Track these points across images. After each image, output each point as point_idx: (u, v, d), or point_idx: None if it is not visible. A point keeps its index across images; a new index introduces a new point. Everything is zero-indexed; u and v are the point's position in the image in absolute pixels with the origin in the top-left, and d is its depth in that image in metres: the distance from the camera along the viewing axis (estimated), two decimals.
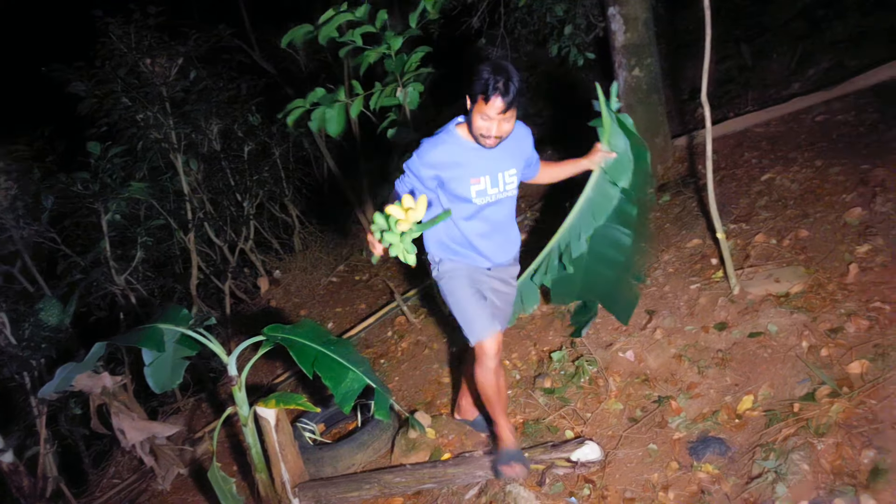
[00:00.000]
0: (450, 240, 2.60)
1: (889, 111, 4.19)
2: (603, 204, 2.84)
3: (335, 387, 2.43)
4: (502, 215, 2.59)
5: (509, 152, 2.48)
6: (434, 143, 2.43)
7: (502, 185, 2.50)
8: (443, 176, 2.42)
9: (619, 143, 2.73)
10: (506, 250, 2.69)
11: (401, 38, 4.10)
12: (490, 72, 2.18)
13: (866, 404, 2.40)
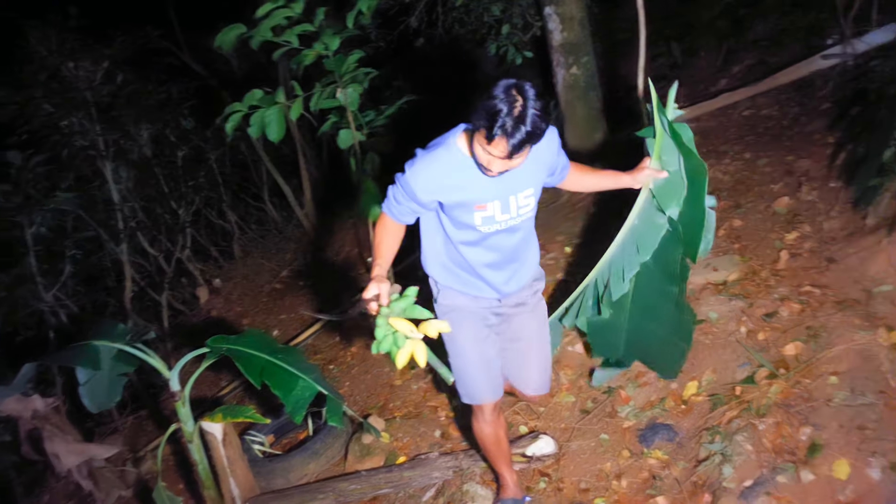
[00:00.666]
0: (452, 263, 2.18)
1: (809, 105, 4.41)
2: (649, 235, 2.32)
3: (285, 396, 2.37)
4: (514, 241, 2.12)
5: (527, 169, 1.94)
6: (430, 160, 1.95)
7: (515, 209, 2.01)
8: (444, 201, 1.98)
9: (673, 161, 2.21)
10: (519, 278, 2.23)
11: (338, 37, 4.04)
12: (503, 101, 1.66)
13: (802, 384, 2.51)
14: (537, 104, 1.67)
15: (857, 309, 2.72)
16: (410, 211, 2.05)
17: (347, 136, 4.32)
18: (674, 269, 2.30)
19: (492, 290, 2.19)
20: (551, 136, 2.03)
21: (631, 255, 2.37)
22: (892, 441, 2.13)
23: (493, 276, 2.15)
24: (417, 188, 1.95)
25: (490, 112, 1.67)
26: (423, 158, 1.96)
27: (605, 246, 2.53)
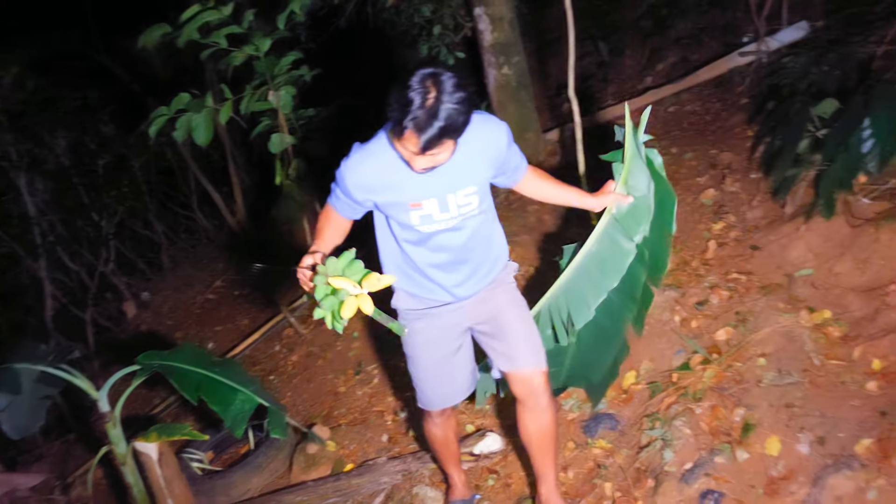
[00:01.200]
0: (406, 265, 2.04)
1: (729, 100, 4.62)
2: (615, 261, 2.19)
3: (224, 410, 2.30)
4: (461, 241, 1.95)
5: (467, 165, 1.82)
6: (363, 156, 1.83)
7: (455, 208, 1.86)
8: (377, 200, 1.87)
9: (640, 186, 2.12)
10: (475, 281, 2.05)
11: (269, 39, 3.95)
12: (416, 91, 1.53)
13: (733, 367, 2.61)
14: (454, 96, 1.54)
15: (780, 293, 2.85)
16: (350, 208, 1.95)
17: (279, 140, 4.22)
18: (635, 293, 2.25)
19: (444, 292, 2.04)
20: (497, 130, 1.87)
21: (596, 281, 2.22)
22: (818, 416, 2.25)
23: (443, 279, 2.01)
24: (350, 185, 1.85)
25: (401, 104, 1.54)
26: (357, 154, 1.85)
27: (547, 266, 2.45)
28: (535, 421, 2.11)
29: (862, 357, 2.41)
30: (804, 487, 2.06)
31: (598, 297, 2.23)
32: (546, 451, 2.16)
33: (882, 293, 2.55)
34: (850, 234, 2.83)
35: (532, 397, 2.08)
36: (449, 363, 2.15)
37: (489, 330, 2.13)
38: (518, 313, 2.13)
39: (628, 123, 2.11)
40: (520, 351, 2.09)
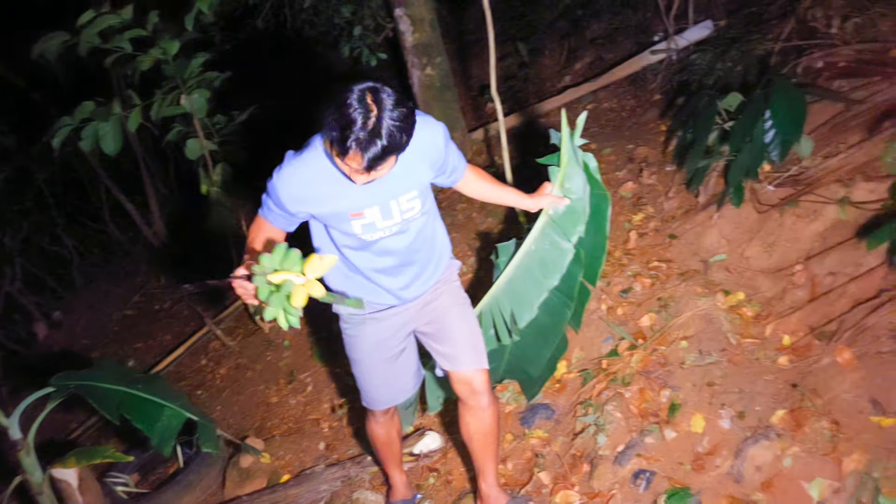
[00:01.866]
0: (347, 270, 1.98)
1: (643, 97, 4.82)
2: (555, 260, 2.24)
3: (150, 428, 2.19)
4: (406, 242, 1.92)
5: (406, 170, 1.76)
6: (295, 166, 1.73)
7: (398, 214, 1.82)
8: (314, 211, 1.79)
9: (576, 188, 2.18)
10: (422, 282, 2.03)
11: (177, 41, 3.80)
12: (356, 111, 1.47)
13: (658, 351, 2.72)
14: (395, 113, 1.49)
15: (697, 278, 2.99)
16: (284, 220, 1.85)
17: (196, 146, 4.08)
18: (573, 291, 2.29)
19: (390, 296, 2.01)
20: (434, 131, 1.84)
21: (538, 280, 2.27)
22: (737, 392, 2.37)
23: (388, 283, 1.97)
24: (284, 197, 1.75)
25: (342, 124, 1.47)
26: (290, 164, 1.75)
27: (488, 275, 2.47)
28: (477, 419, 2.10)
29: (773, 334, 2.57)
30: (727, 460, 2.17)
31: (540, 296, 2.28)
32: (487, 448, 2.17)
33: (788, 273, 2.72)
34: (757, 220, 3.01)
35: (473, 396, 2.07)
36: (393, 365, 2.14)
37: (432, 331, 2.11)
38: (460, 313, 2.12)
39: (565, 128, 2.15)
40: (461, 351, 2.07)
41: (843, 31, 2.93)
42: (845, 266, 2.50)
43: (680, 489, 2.10)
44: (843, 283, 2.45)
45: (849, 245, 2.52)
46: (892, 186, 2.23)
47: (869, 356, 2.18)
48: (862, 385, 2.13)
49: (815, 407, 2.15)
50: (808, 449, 2.05)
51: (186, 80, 3.89)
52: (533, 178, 4.36)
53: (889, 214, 2.22)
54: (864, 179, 2.50)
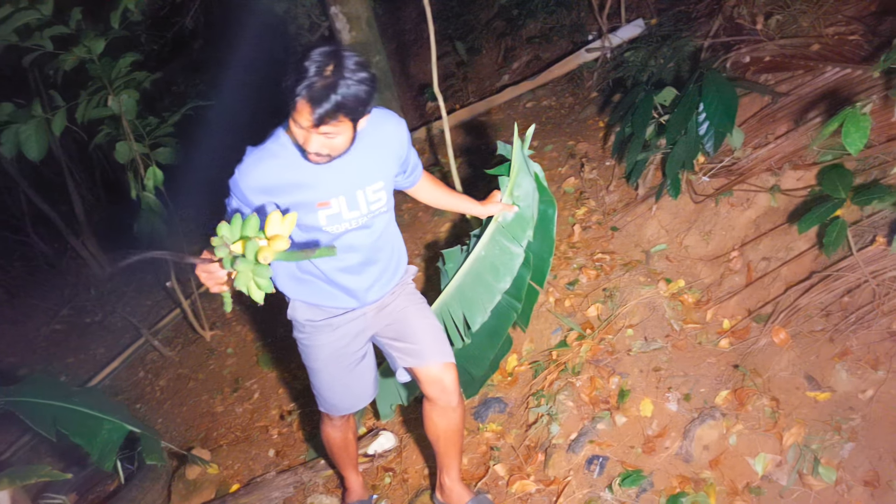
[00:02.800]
0: (302, 272, 1.93)
1: (581, 94, 4.92)
2: (506, 264, 2.30)
3: (89, 443, 2.09)
4: (371, 240, 1.89)
5: (372, 159, 1.77)
6: (258, 157, 1.70)
7: (364, 205, 1.80)
8: (280, 202, 1.73)
9: (525, 196, 2.26)
10: (383, 283, 2.00)
11: (102, 39, 3.63)
12: (313, 62, 1.46)
13: (605, 340, 2.79)
14: (356, 74, 1.48)
15: (640, 268, 3.08)
16: (245, 212, 1.77)
17: (125, 149, 3.91)
18: (521, 294, 2.34)
19: (350, 298, 1.96)
20: (399, 124, 1.84)
21: (490, 284, 2.32)
22: (682, 376, 2.45)
23: (351, 282, 1.92)
24: (248, 190, 1.69)
25: (297, 73, 1.46)
26: (252, 156, 1.70)
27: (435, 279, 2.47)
28: (446, 419, 2.06)
29: (713, 319, 2.67)
30: (676, 441, 2.23)
31: (493, 300, 2.33)
32: (453, 446, 2.15)
33: (725, 260, 2.84)
34: (694, 210, 3.12)
35: (444, 396, 2.02)
36: (353, 372, 2.08)
37: (393, 332, 2.07)
38: (420, 310, 2.09)
39: (516, 139, 2.23)
40: (427, 346, 2.03)
41: (767, 27, 3.08)
42: (778, 251, 2.62)
43: (632, 472, 2.15)
44: (777, 267, 2.56)
45: (780, 231, 2.64)
46: (819, 173, 2.36)
47: (803, 335, 2.30)
48: (798, 363, 2.24)
49: (755, 386, 2.24)
50: (751, 426, 2.14)
51: (114, 81, 3.72)
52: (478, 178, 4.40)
53: (817, 200, 2.34)
54: (793, 168, 2.63)
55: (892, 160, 2.29)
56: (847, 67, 2.55)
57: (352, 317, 2.00)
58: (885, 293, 2.10)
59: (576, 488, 2.22)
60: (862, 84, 2.47)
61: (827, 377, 2.15)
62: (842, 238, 2.09)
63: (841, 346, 2.16)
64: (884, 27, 2.56)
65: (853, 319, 2.16)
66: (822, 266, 2.38)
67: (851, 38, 2.71)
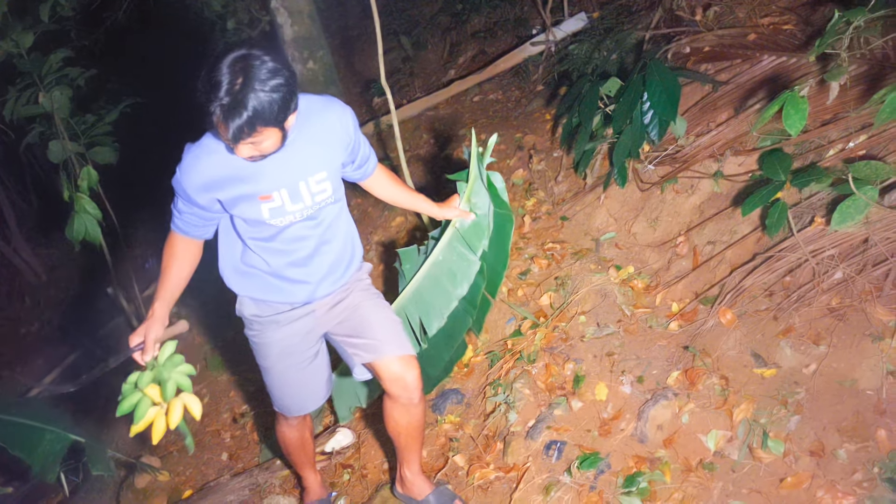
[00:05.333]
0: (249, 266, 1.88)
1: (527, 88, 4.97)
2: (463, 271, 2.30)
3: (30, 454, 1.97)
4: (318, 233, 1.85)
5: (314, 149, 1.73)
6: (196, 154, 1.66)
7: (308, 197, 1.76)
8: (222, 197, 1.69)
9: (482, 205, 2.26)
10: (336, 276, 1.95)
11: (31, 33, 3.46)
12: (223, 75, 1.42)
13: (559, 327, 2.82)
14: (267, 83, 1.44)
15: (590, 256, 3.13)
16: (199, 220, 1.75)
17: (59, 148, 3.73)
18: (476, 300, 2.33)
19: (300, 292, 1.91)
20: (343, 111, 1.79)
21: (447, 290, 2.32)
22: (635, 359, 2.50)
23: (300, 275, 1.88)
24: (191, 188, 1.66)
25: (207, 89, 1.43)
26: (191, 153, 1.67)
27: None
28: (408, 416, 2.03)
29: (663, 302, 2.73)
30: (631, 423, 2.28)
31: (450, 305, 2.32)
32: (414, 441, 2.13)
33: (672, 245, 2.91)
34: (641, 198, 3.19)
35: (406, 392, 1.97)
36: (304, 371, 2.04)
37: (348, 329, 2.01)
38: (376, 304, 2.05)
39: (474, 147, 2.21)
40: (385, 340, 1.97)
41: (705, 18, 3.17)
42: (722, 235, 2.70)
43: (590, 454, 2.19)
44: (722, 250, 2.65)
45: (724, 215, 2.73)
46: (760, 158, 2.45)
47: (748, 315, 2.37)
48: (744, 342, 2.32)
49: (705, 366, 2.31)
50: (702, 404, 2.20)
51: (45, 77, 3.55)
52: (427, 172, 4.38)
53: (758, 184, 2.43)
54: (734, 154, 2.72)
55: (827, 144, 2.40)
56: (783, 56, 2.65)
57: (299, 314, 1.95)
58: (824, 271, 2.20)
59: (535, 474, 2.23)
60: (798, 71, 2.57)
61: (772, 354, 2.23)
62: (783, 219, 2.17)
63: (784, 323, 2.25)
64: (816, 17, 2.68)
65: (795, 298, 2.25)
66: (764, 248, 2.47)
67: (786, 27, 2.82)
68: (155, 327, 1.66)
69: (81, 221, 3.68)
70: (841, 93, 2.17)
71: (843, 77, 1.84)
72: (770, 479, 1.91)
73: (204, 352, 3.94)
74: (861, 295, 2.10)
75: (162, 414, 1.56)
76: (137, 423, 1.56)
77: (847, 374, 2.03)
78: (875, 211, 2.04)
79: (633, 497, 2.01)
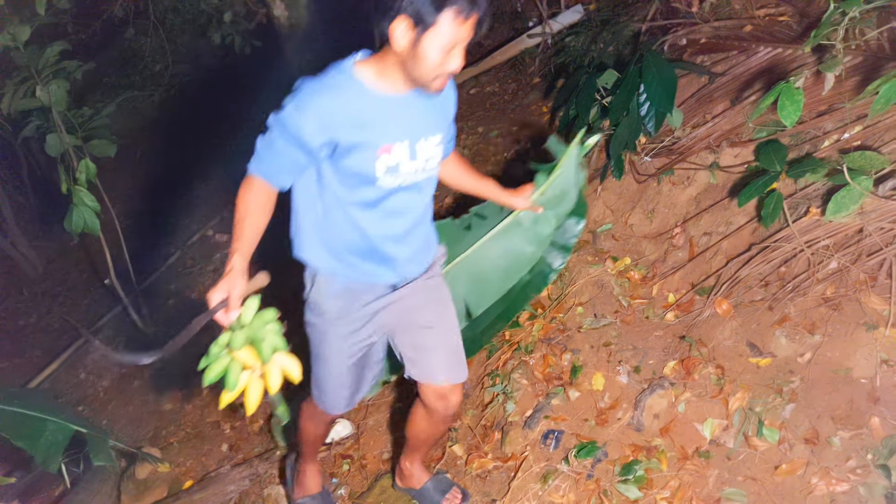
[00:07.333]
0: (339, 240, 1.69)
1: (523, 80, 4.97)
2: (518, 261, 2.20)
3: (32, 445, 1.99)
4: (420, 205, 1.74)
5: (434, 109, 1.64)
6: (325, 86, 1.51)
7: (422, 158, 1.64)
8: (341, 140, 1.53)
9: (554, 202, 2.12)
10: (420, 259, 1.83)
11: (28, 26, 3.45)
12: None
13: (557, 318, 2.84)
14: None
15: (587, 248, 3.14)
16: (291, 164, 1.56)
17: (57, 141, 3.72)
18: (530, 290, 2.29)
19: (390, 272, 1.76)
20: (453, 85, 1.70)
21: (496, 276, 2.22)
22: (631, 349, 2.53)
23: (393, 251, 1.72)
24: (306, 124, 1.48)
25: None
26: (311, 86, 1.50)
27: None
28: (435, 427, 1.98)
29: (659, 293, 2.75)
30: (628, 412, 2.30)
31: (498, 292, 2.25)
32: (427, 445, 2.13)
33: (668, 237, 2.93)
34: (637, 190, 3.21)
35: (444, 411, 1.88)
36: (360, 364, 1.89)
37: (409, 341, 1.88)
38: (439, 317, 1.89)
39: (575, 145, 2.08)
40: (439, 368, 1.84)
41: (701, 10, 3.18)
42: (718, 226, 2.72)
43: (587, 443, 2.21)
44: (718, 241, 2.66)
45: (720, 206, 2.74)
46: (756, 149, 2.46)
47: (744, 305, 2.40)
48: (740, 331, 2.34)
49: (701, 355, 2.33)
50: (698, 393, 2.23)
51: (42, 70, 3.54)
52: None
53: (754, 174, 2.44)
54: (730, 145, 2.73)
55: (822, 135, 2.41)
56: (778, 47, 2.66)
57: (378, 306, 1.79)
58: (819, 261, 2.22)
59: (533, 463, 2.26)
60: (793, 62, 2.58)
61: (768, 343, 2.25)
62: (778, 210, 2.18)
63: (780, 313, 2.27)
64: (812, 8, 2.69)
65: (790, 288, 2.27)
66: (760, 238, 2.49)
67: (781, 18, 2.83)
68: (238, 281, 1.44)
69: (80, 214, 3.69)
70: (836, 84, 2.18)
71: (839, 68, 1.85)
72: (765, 466, 1.94)
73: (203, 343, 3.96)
74: (855, 284, 2.12)
75: (256, 379, 1.41)
76: (232, 390, 1.39)
77: (841, 363, 2.05)
78: (870, 201, 2.06)
79: (629, 485, 2.03)
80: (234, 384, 1.39)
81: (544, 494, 2.13)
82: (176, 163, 6.03)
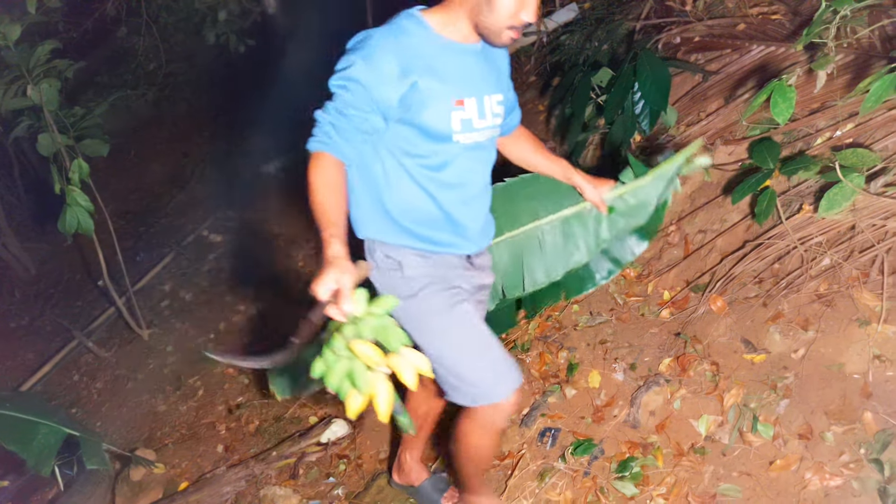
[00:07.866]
0: (405, 207, 1.56)
1: (519, 79, 4.95)
2: (565, 262, 2.04)
3: (24, 448, 1.99)
4: (488, 167, 1.65)
5: (495, 67, 1.59)
6: (394, 31, 1.43)
7: (490, 115, 1.56)
8: (420, 86, 1.42)
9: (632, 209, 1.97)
10: (485, 231, 1.72)
11: (19, 25, 3.43)
12: None
13: (552, 317, 2.85)
14: None
15: None
16: (362, 132, 1.43)
17: (48, 141, 3.70)
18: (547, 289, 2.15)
19: (463, 240, 1.62)
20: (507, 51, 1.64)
21: (539, 267, 2.07)
22: (627, 347, 2.53)
23: (465, 217, 1.59)
24: (381, 73, 1.38)
25: None
26: (379, 33, 1.41)
27: None
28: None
29: (655, 291, 2.76)
30: (623, 409, 2.31)
31: (535, 284, 2.10)
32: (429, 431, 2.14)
33: (664, 234, 2.93)
34: None
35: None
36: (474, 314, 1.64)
37: None
38: None
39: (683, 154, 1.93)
40: None
41: (695, 8, 3.19)
42: (713, 223, 2.73)
43: (584, 441, 2.22)
44: (712, 238, 2.67)
45: (714, 204, 2.75)
46: (749, 147, 2.47)
47: (738, 302, 2.40)
48: (734, 328, 2.35)
49: (696, 352, 2.34)
50: (693, 390, 2.23)
51: (33, 69, 3.52)
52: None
53: (747, 172, 2.45)
54: (724, 143, 2.74)
55: (815, 132, 2.42)
56: (771, 45, 2.67)
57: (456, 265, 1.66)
58: (812, 258, 2.23)
59: (530, 461, 2.26)
60: (786, 60, 2.59)
61: (762, 340, 2.26)
62: (772, 207, 2.19)
63: (774, 310, 2.28)
64: (804, 7, 2.70)
65: (784, 284, 2.28)
66: (754, 235, 2.49)
67: (774, 17, 2.84)
68: (347, 269, 1.24)
69: (73, 214, 3.66)
70: (828, 82, 2.19)
71: (830, 66, 1.86)
72: (760, 461, 1.94)
73: (196, 345, 3.95)
74: (848, 281, 2.13)
75: (385, 380, 1.19)
76: (363, 394, 1.18)
77: (834, 359, 2.06)
78: (862, 198, 2.07)
79: (626, 482, 2.04)
80: (365, 386, 1.18)
81: (541, 492, 2.13)
82: (170, 162, 6.02)
